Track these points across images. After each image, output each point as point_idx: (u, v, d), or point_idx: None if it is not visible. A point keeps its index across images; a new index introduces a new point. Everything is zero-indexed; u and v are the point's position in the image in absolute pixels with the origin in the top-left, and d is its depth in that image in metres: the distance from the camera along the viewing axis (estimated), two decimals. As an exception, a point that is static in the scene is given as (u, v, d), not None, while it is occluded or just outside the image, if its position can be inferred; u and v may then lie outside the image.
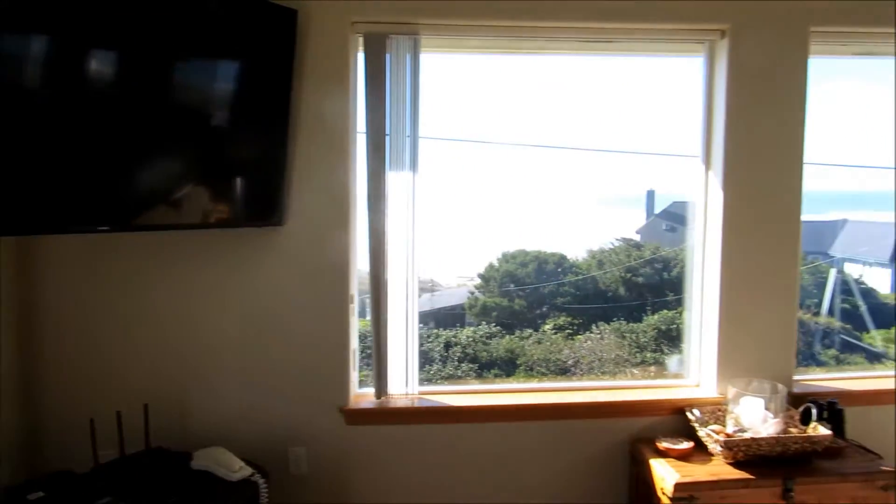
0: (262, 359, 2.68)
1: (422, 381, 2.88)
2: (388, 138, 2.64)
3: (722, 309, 2.83)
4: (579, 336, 6.69)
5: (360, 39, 2.64)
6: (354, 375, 2.81)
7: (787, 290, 2.86)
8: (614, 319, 6.70)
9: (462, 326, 7.16)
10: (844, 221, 9.64)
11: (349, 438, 2.74)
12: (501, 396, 2.89)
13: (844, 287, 7.82)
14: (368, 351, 2.78)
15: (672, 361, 3.44)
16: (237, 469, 2.30)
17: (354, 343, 2.78)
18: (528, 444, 2.84)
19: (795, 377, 2.98)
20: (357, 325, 2.82)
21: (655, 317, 6.54)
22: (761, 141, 2.77)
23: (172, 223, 2.35)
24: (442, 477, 2.81)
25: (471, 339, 6.83)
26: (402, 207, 2.69)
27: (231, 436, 2.57)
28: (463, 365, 6.50)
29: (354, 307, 2.78)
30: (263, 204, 2.55)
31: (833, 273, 6.38)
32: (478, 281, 7.90)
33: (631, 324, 6.64)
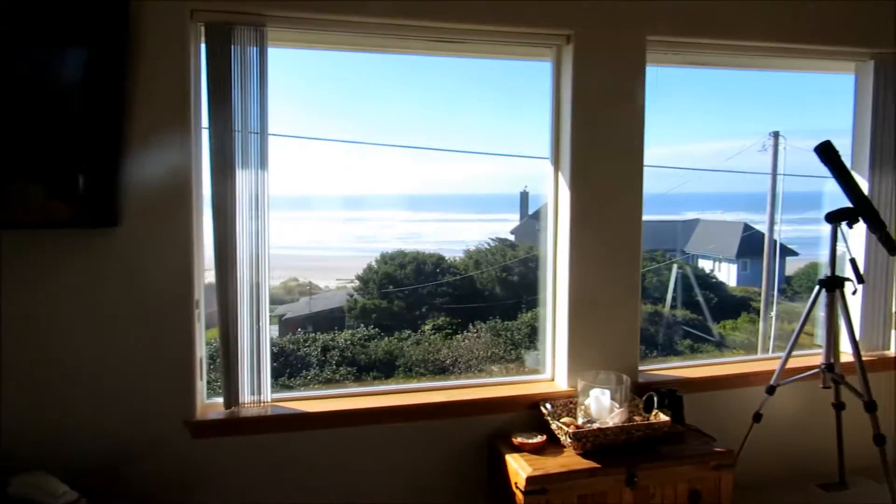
0: (96, 370, 2.46)
1: (297, 387, 2.77)
2: (235, 134, 2.52)
3: (572, 305, 2.93)
4: (458, 335, 6.79)
5: (203, 29, 2.50)
6: (202, 385, 2.65)
7: (630, 286, 3.00)
8: (490, 318, 6.86)
9: (341, 329, 7.06)
10: (697, 221, 10.42)
11: (196, 453, 2.58)
12: (358, 400, 2.83)
13: (698, 281, 8.44)
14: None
15: (530, 357, 3.52)
16: (61, 494, 2.10)
17: (201, 351, 2.63)
18: (387, 447, 2.80)
19: (640, 367, 3.14)
20: (203, 333, 2.66)
21: (529, 314, 6.75)
22: (605, 144, 2.90)
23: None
24: (296, 487, 2.71)
25: (349, 342, 6.74)
26: (250, 208, 2.57)
27: (57, 456, 2.35)
28: (341, 368, 6.41)
29: (201, 313, 2.62)
30: (97, 202, 2.34)
31: (675, 269, 6.82)
32: (357, 283, 7.82)
33: (506, 322, 6.82)
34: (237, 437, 2.63)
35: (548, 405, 2.82)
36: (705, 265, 9.37)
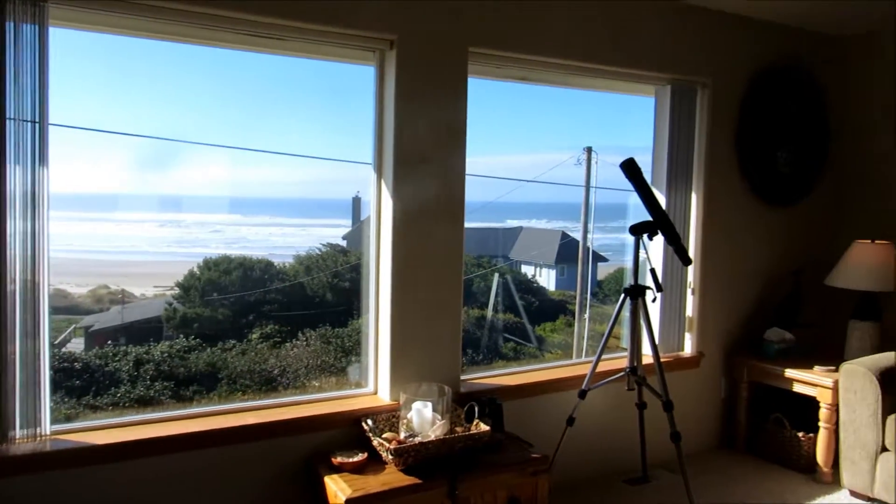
0: None
1: (106, 406, 2.41)
2: (8, 123, 2.16)
3: (394, 314, 2.87)
4: (286, 344, 6.48)
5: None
6: (-40, 420, 2.24)
7: (452, 296, 3.00)
8: (321, 325, 6.64)
9: (158, 341, 6.45)
10: (520, 228, 10.92)
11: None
12: (159, 427, 2.55)
13: (521, 286, 8.81)
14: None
15: (353, 370, 3.42)
16: None
17: (-43, 379, 2.22)
18: (192, 478, 2.54)
19: (463, 377, 3.15)
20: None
21: (360, 320, 6.63)
22: (428, 152, 2.87)
23: None
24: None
25: (167, 355, 6.18)
26: (24, 206, 2.21)
27: None
28: (156, 384, 5.85)
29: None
30: None
31: (497, 276, 7.04)
32: (177, 291, 7.21)
33: (337, 329, 6.64)
34: (6, 479, 2.25)
35: (369, 421, 2.73)
36: (528, 271, 9.84)
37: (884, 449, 3.13)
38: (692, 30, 3.60)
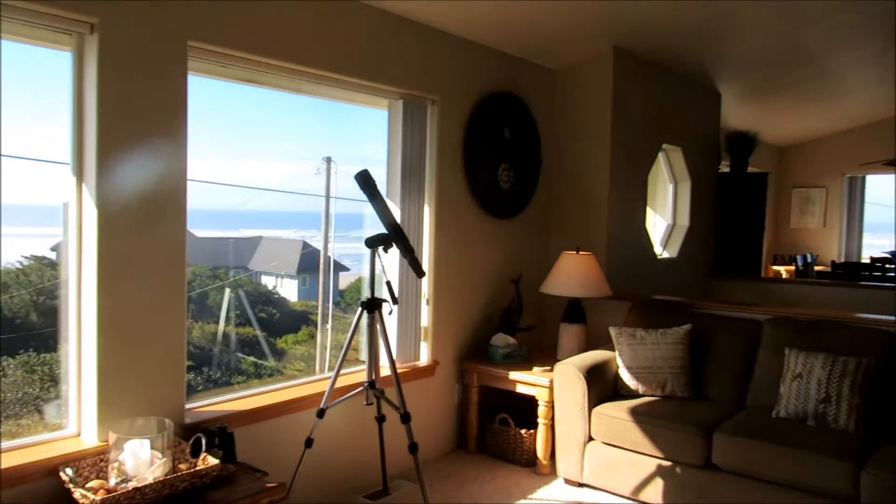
0: None
1: None
2: None
3: (101, 339, 2.48)
4: (-27, 376, 5.37)
5: None
6: None
7: (174, 315, 2.70)
8: (23, 351, 5.62)
9: None
10: (260, 238, 10.50)
11: None
12: None
13: (261, 298, 8.42)
14: None
15: (51, 408, 2.90)
16: None
17: None
18: None
19: (189, 405, 2.85)
20: None
21: (60, 349, 5.74)
22: (141, 154, 2.54)
23: None
24: None
25: None
26: None
27: None
28: None
29: None
30: None
31: (227, 290, 6.66)
32: None
33: (44, 354, 5.67)
34: None
35: (69, 470, 2.31)
36: (269, 282, 9.48)
37: (590, 438, 3.51)
38: (423, 48, 3.72)
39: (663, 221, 5.92)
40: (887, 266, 7.44)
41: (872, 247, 9.70)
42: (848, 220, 9.69)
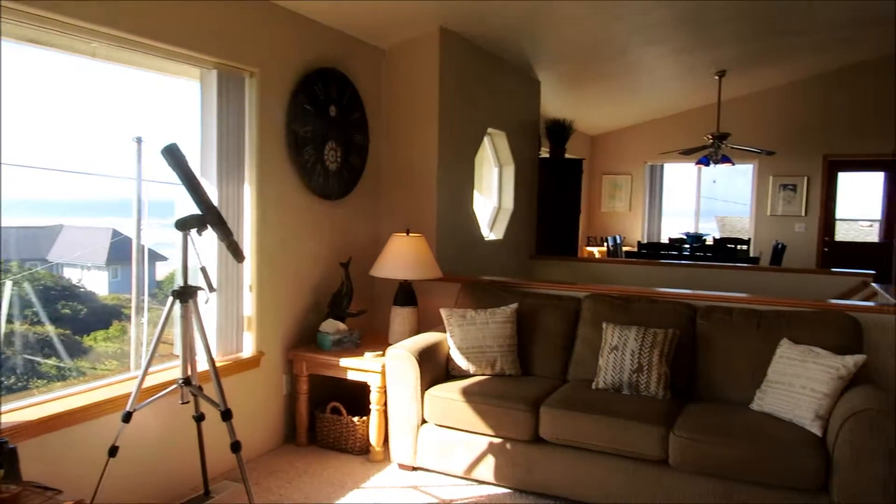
0: None
1: None
2: None
3: None
4: None
5: None
6: None
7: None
8: None
9: None
10: (61, 227, 9.39)
11: None
12: None
13: (64, 292, 7.53)
14: None
15: None
16: None
17: None
18: None
19: (-42, 421, 2.40)
20: None
21: None
22: None
23: None
24: None
25: None
26: None
27: None
28: None
29: None
30: None
31: (8, 284, 5.91)
32: None
33: None
34: None
35: None
36: (72, 274, 8.51)
37: (424, 422, 3.49)
38: (240, 15, 3.44)
39: (489, 204, 6.08)
40: (683, 245, 8.25)
41: (672, 228, 10.74)
42: (650, 204, 10.65)
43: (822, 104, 9.01)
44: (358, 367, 3.69)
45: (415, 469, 3.56)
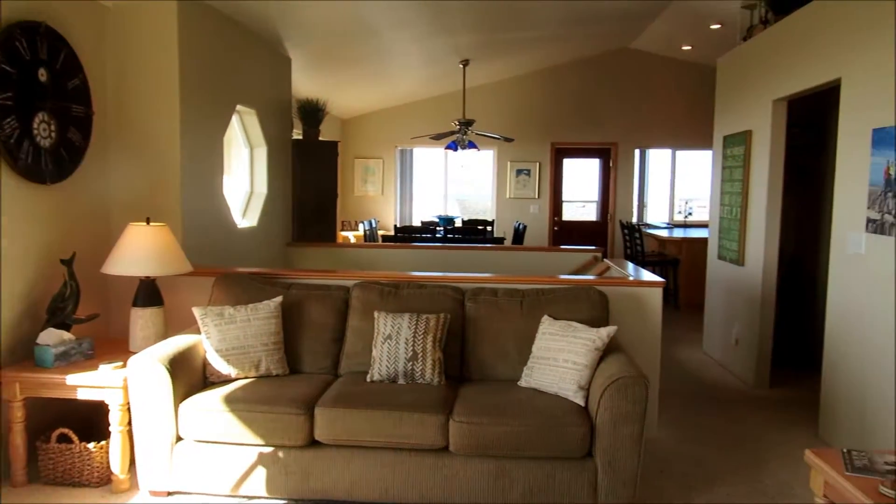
0: None
1: None
2: None
3: None
4: None
5: None
6: None
7: None
8: None
9: None
10: None
11: None
12: None
13: None
14: None
15: None
16: None
17: None
18: None
19: None
20: None
21: None
22: None
23: None
24: None
25: None
26: None
27: None
28: None
29: None
30: None
31: None
32: None
33: None
34: None
35: None
36: None
37: (179, 439, 3.03)
38: None
39: (241, 188, 5.60)
40: (437, 228, 8.50)
41: (424, 212, 11.06)
42: (401, 187, 10.84)
43: (551, 95, 9.92)
44: (92, 384, 3.08)
45: (170, 494, 3.09)
